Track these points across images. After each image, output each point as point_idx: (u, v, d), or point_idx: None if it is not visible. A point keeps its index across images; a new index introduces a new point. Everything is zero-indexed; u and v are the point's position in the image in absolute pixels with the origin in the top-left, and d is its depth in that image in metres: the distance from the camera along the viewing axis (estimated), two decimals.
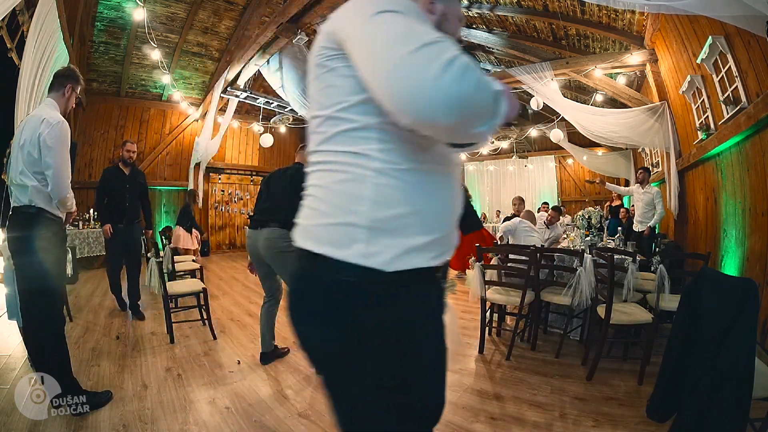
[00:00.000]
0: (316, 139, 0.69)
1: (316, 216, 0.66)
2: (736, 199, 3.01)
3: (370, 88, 0.58)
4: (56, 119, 1.72)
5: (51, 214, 1.77)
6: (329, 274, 0.62)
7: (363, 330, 0.61)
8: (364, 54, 0.58)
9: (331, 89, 0.66)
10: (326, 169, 0.66)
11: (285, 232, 2.14)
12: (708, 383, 1.20)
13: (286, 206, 2.18)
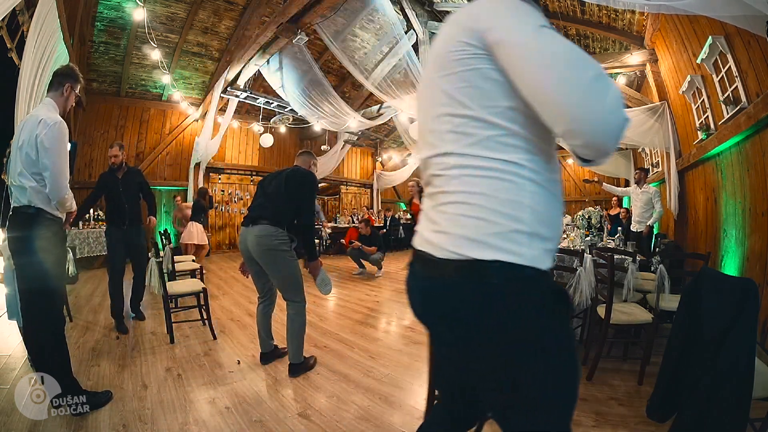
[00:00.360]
0: (459, 140, 0.69)
1: (482, 225, 0.65)
2: (736, 199, 3.01)
3: (531, 98, 0.62)
4: (54, 120, 1.71)
5: (50, 215, 1.77)
6: (507, 278, 0.64)
7: (538, 329, 0.65)
8: (536, 67, 0.60)
9: (476, 90, 0.66)
10: (480, 175, 0.66)
11: (276, 230, 2.15)
12: (708, 383, 1.20)
13: (278, 205, 2.21)
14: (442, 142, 0.71)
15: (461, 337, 0.70)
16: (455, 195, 0.69)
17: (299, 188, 2.28)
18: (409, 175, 11.58)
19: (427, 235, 0.74)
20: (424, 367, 2.34)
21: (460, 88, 0.68)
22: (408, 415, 1.77)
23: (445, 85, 0.70)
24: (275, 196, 2.25)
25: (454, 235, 0.67)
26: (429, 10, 6.95)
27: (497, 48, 0.63)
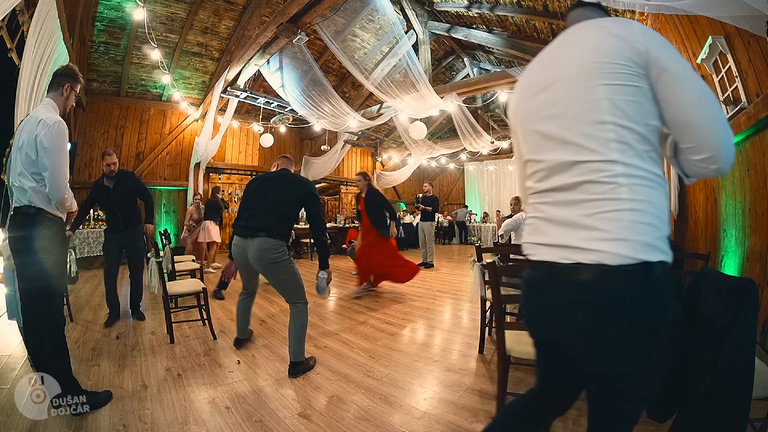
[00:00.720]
0: (625, 150, 0.75)
1: (653, 231, 0.74)
2: (736, 199, 3.01)
3: (677, 119, 0.76)
4: (53, 120, 1.71)
5: (51, 215, 1.77)
6: (663, 275, 0.75)
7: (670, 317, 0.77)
8: (692, 99, 0.74)
9: (638, 105, 0.75)
10: (644, 185, 0.75)
11: (276, 242, 2.17)
12: (708, 383, 1.20)
13: (278, 216, 2.22)
14: (607, 150, 0.75)
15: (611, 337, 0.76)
16: (629, 203, 0.74)
17: (306, 200, 2.30)
18: (409, 175, 11.60)
19: (585, 244, 0.76)
20: (424, 367, 2.34)
21: (628, 102, 0.75)
22: (408, 415, 1.77)
23: (610, 94, 0.76)
24: (275, 206, 2.24)
25: (634, 241, 0.73)
26: (429, 10, 6.96)
27: (661, 74, 0.75)
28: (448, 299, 4.20)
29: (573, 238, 0.78)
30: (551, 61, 0.91)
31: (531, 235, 0.90)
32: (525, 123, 0.93)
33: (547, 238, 0.84)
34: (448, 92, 6.49)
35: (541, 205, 0.88)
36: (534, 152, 0.90)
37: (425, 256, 6.61)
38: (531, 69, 0.97)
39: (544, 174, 0.87)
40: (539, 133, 0.88)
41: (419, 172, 12.63)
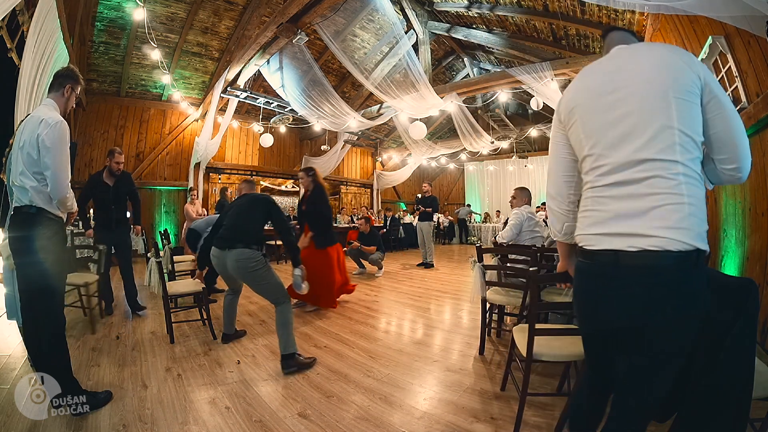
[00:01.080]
0: (685, 154, 0.89)
1: (701, 223, 0.89)
2: (736, 199, 3.01)
3: (717, 135, 0.94)
4: (55, 120, 1.71)
5: (51, 214, 1.77)
6: (704, 265, 0.92)
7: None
8: (731, 118, 0.93)
9: (694, 119, 0.91)
10: (696, 185, 0.90)
11: (251, 252, 2.39)
12: (708, 383, 1.20)
13: (248, 228, 2.49)
14: (672, 152, 0.89)
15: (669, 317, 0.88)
16: (687, 198, 0.87)
17: (269, 211, 2.59)
18: (409, 175, 11.60)
19: (651, 231, 0.87)
20: (424, 367, 2.34)
21: (690, 115, 0.90)
22: (408, 415, 1.77)
23: (678, 106, 0.90)
24: (247, 221, 2.52)
25: (691, 230, 0.87)
26: (429, 10, 6.95)
27: (711, 99, 0.92)
28: (448, 299, 4.20)
29: (638, 227, 0.89)
30: (619, 69, 1.01)
31: (591, 226, 0.99)
32: (590, 120, 1.02)
33: (610, 228, 0.93)
34: (448, 92, 6.49)
35: (602, 198, 0.97)
36: (598, 148, 0.99)
37: (425, 257, 6.61)
38: (593, 72, 1.09)
39: (608, 169, 0.96)
40: (608, 132, 0.97)
41: (419, 172, 12.63)
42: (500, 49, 6.78)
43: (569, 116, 1.08)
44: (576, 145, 1.08)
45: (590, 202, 1.01)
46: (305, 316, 3.46)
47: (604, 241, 0.93)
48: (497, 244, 3.37)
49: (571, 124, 1.08)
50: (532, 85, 5.39)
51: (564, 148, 1.12)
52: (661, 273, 0.87)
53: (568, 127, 1.09)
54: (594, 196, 1.00)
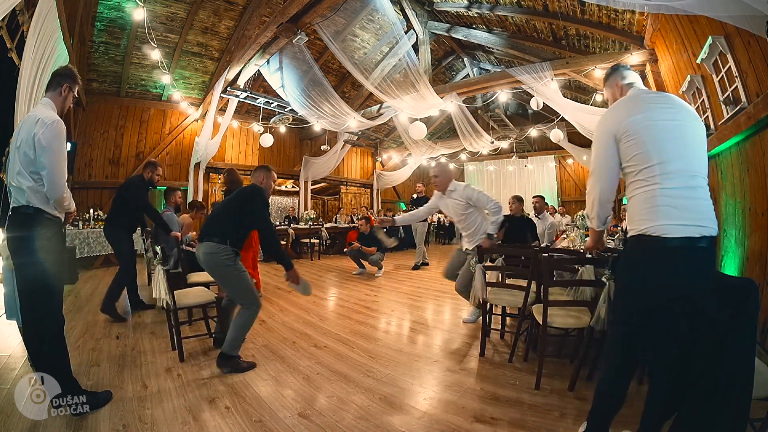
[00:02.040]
0: (706, 175, 1.35)
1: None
2: (736, 199, 3.01)
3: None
4: (51, 119, 1.71)
5: (49, 215, 1.77)
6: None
7: None
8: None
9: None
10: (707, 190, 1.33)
11: (218, 246, 2.22)
12: (708, 383, 1.20)
13: (224, 221, 2.31)
14: (705, 171, 1.34)
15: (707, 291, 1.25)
16: (708, 197, 1.32)
17: (243, 204, 2.34)
18: (409, 175, 11.59)
19: (704, 222, 1.26)
20: (424, 366, 2.34)
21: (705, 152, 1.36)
22: (408, 415, 1.77)
23: (702, 142, 1.37)
24: (223, 214, 2.36)
25: (716, 221, 1.29)
26: (429, 10, 6.96)
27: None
28: (448, 299, 4.20)
29: (697, 219, 1.26)
30: (670, 105, 1.37)
31: (664, 218, 1.26)
32: (657, 137, 1.31)
33: (681, 220, 1.25)
34: (448, 92, 6.49)
35: (671, 199, 1.27)
36: (665, 160, 1.29)
37: (419, 257, 6.57)
38: (649, 100, 1.41)
39: (671, 176, 1.28)
40: (673, 150, 1.30)
41: (419, 172, 12.63)
42: (500, 49, 6.78)
43: (631, 128, 1.35)
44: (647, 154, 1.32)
45: (660, 200, 1.28)
46: (305, 317, 3.46)
47: (679, 230, 1.24)
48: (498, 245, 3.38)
49: (634, 133, 1.34)
50: (532, 85, 5.39)
51: (629, 155, 1.36)
52: (710, 251, 1.28)
53: (631, 136, 1.35)
54: (663, 195, 1.28)
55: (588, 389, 1.99)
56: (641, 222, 1.30)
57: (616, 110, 1.43)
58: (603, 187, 1.44)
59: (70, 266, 4.77)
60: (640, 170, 1.32)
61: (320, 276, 5.77)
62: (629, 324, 1.35)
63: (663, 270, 1.26)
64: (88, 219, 6.01)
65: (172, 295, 2.40)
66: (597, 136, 1.44)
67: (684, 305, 1.26)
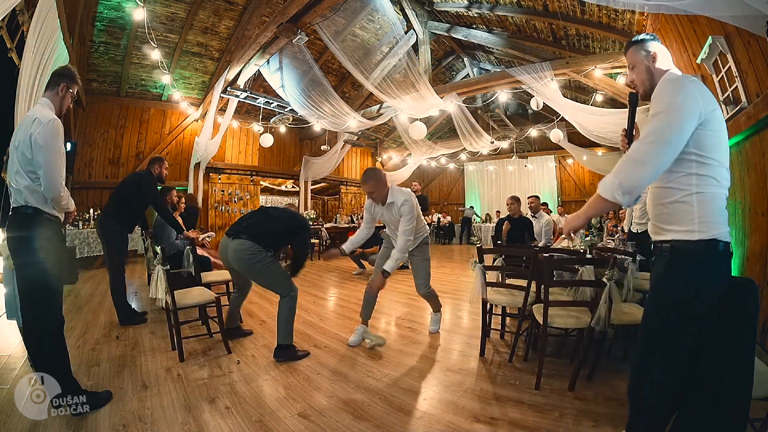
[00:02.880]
0: None
1: None
2: (736, 199, 3.01)
3: None
4: (48, 118, 1.70)
5: (48, 214, 1.77)
6: None
7: None
8: None
9: None
10: None
11: (252, 245, 2.34)
12: (708, 383, 1.20)
13: (265, 229, 2.45)
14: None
15: None
16: None
17: (298, 233, 2.62)
18: (409, 175, 11.58)
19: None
20: (424, 366, 2.34)
21: None
22: (408, 415, 1.77)
23: None
24: (268, 223, 2.50)
25: None
26: (429, 10, 6.96)
27: None
28: (448, 299, 4.20)
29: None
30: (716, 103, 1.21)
31: (726, 224, 1.17)
32: (726, 143, 1.19)
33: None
34: (448, 92, 6.49)
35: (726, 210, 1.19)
36: (726, 165, 1.18)
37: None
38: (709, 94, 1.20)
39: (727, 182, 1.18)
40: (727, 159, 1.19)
41: (419, 172, 12.63)
42: (500, 49, 6.78)
43: (717, 126, 1.17)
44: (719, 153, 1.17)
45: (724, 203, 1.17)
46: (305, 317, 3.46)
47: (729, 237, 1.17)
48: (499, 245, 3.39)
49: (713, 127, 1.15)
50: (532, 85, 5.39)
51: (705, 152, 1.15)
52: None
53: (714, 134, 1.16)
54: (722, 200, 1.17)
55: (588, 389, 1.99)
56: (715, 226, 1.15)
57: (701, 87, 1.18)
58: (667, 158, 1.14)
59: (70, 266, 4.77)
60: (715, 167, 1.15)
61: (320, 276, 5.76)
62: (689, 334, 1.20)
63: (725, 277, 1.19)
64: (88, 219, 6.02)
65: (172, 295, 2.39)
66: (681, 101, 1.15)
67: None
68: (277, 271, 2.41)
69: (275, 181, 9.81)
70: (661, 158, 1.12)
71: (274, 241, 2.46)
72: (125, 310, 3.14)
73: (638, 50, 1.35)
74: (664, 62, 1.32)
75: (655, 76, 1.31)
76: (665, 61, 1.32)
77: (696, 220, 1.15)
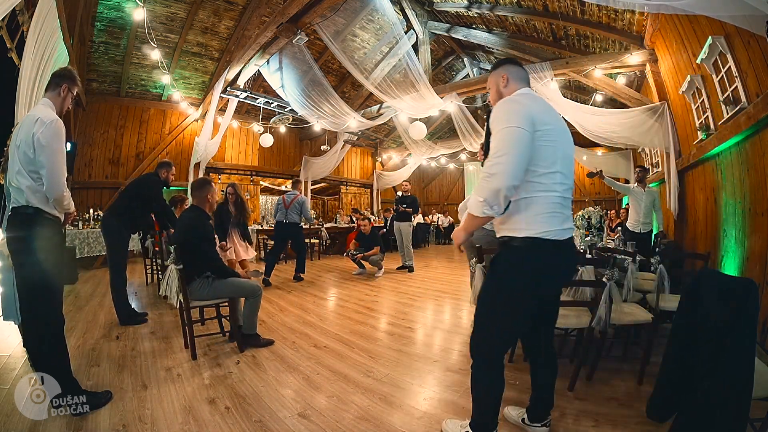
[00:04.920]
0: None
1: None
2: (736, 199, 3.01)
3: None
4: (50, 118, 1.71)
5: (49, 215, 1.77)
6: None
7: None
8: None
9: None
10: None
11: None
12: (708, 383, 1.20)
13: None
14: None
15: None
16: None
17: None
18: (409, 175, 11.58)
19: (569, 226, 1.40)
20: (424, 367, 2.34)
21: None
22: (408, 415, 1.77)
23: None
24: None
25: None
26: (429, 10, 6.96)
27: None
28: (448, 299, 4.20)
29: (568, 223, 1.39)
30: (554, 117, 1.39)
31: (561, 223, 1.34)
32: (563, 147, 1.35)
33: (568, 225, 1.38)
34: (448, 92, 6.48)
35: (562, 207, 1.35)
36: (566, 171, 1.36)
37: (404, 260, 6.22)
38: (545, 108, 1.40)
39: (567, 187, 1.37)
40: (570, 163, 1.39)
41: (419, 172, 12.62)
42: (500, 49, 6.77)
43: (543, 129, 1.30)
44: (554, 158, 1.32)
45: (556, 206, 1.33)
46: (304, 317, 3.46)
47: (566, 233, 1.37)
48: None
49: (547, 135, 1.30)
50: (531, 85, 5.38)
51: (539, 157, 1.30)
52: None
53: (547, 136, 1.30)
54: (556, 203, 1.33)
55: (588, 389, 1.99)
56: (540, 225, 1.34)
57: (532, 102, 1.36)
58: (515, 180, 1.26)
59: (70, 266, 4.77)
60: (543, 174, 1.31)
61: (320, 276, 5.76)
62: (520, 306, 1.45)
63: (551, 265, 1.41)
64: (88, 219, 6.01)
65: (185, 294, 2.39)
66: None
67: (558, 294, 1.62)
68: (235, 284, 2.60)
69: (275, 181, 9.81)
70: (508, 167, 1.22)
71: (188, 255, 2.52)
72: (125, 310, 3.14)
73: (493, 73, 1.53)
74: (517, 83, 1.47)
75: (503, 97, 1.45)
76: (518, 81, 1.47)
77: (518, 220, 1.35)
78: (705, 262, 2.32)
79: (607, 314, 1.88)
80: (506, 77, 1.46)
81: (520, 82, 1.46)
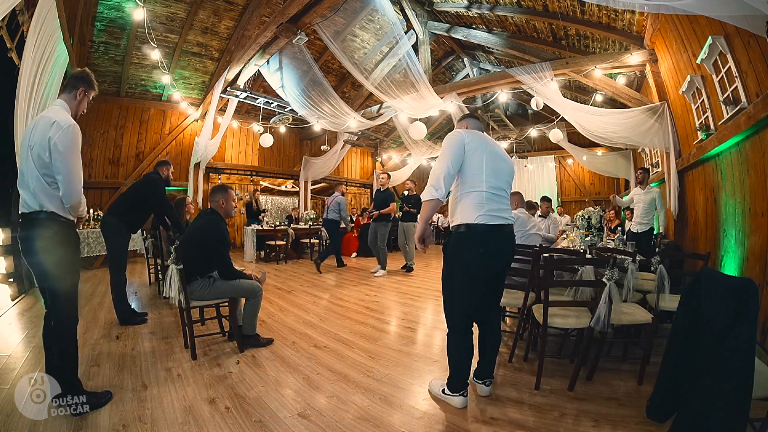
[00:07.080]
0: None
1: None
2: (736, 199, 3.01)
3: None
4: (67, 123, 1.68)
5: (63, 218, 1.75)
6: None
7: None
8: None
9: None
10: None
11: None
12: (708, 383, 1.20)
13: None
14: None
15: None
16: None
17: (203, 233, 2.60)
18: (409, 175, 11.59)
19: (507, 215, 1.81)
20: (424, 366, 2.34)
21: None
22: (408, 415, 1.77)
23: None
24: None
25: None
26: (429, 10, 6.96)
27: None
28: None
29: (507, 213, 1.82)
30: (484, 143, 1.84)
31: (488, 212, 1.73)
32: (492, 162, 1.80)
33: (497, 214, 1.76)
34: (447, 92, 6.49)
35: (490, 201, 1.76)
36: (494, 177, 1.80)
37: (407, 259, 6.20)
38: (479, 137, 1.85)
39: (494, 187, 1.79)
40: (499, 173, 1.82)
41: (419, 172, 12.62)
42: (500, 49, 6.78)
43: (477, 149, 1.79)
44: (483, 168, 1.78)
45: (491, 201, 1.76)
46: (304, 317, 3.46)
47: (499, 219, 1.75)
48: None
49: (479, 151, 1.79)
50: (531, 86, 5.39)
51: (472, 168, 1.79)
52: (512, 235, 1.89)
53: (479, 153, 1.79)
54: (487, 197, 1.75)
55: (588, 389, 1.99)
56: (468, 215, 1.76)
57: (466, 137, 1.83)
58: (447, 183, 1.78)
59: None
60: (469, 177, 1.79)
61: (320, 276, 5.76)
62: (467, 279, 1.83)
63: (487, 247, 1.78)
64: (87, 219, 6.01)
65: (186, 294, 2.39)
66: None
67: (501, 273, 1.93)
68: (235, 285, 2.63)
69: (275, 181, 9.82)
70: (442, 171, 1.74)
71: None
72: (125, 310, 3.14)
73: (459, 123, 2.11)
74: (470, 125, 2.00)
75: None
76: (473, 128, 1.98)
77: (458, 212, 1.79)
78: (705, 262, 2.31)
79: (607, 314, 1.88)
80: (467, 125, 2.00)
81: (474, 128, 1.98)
